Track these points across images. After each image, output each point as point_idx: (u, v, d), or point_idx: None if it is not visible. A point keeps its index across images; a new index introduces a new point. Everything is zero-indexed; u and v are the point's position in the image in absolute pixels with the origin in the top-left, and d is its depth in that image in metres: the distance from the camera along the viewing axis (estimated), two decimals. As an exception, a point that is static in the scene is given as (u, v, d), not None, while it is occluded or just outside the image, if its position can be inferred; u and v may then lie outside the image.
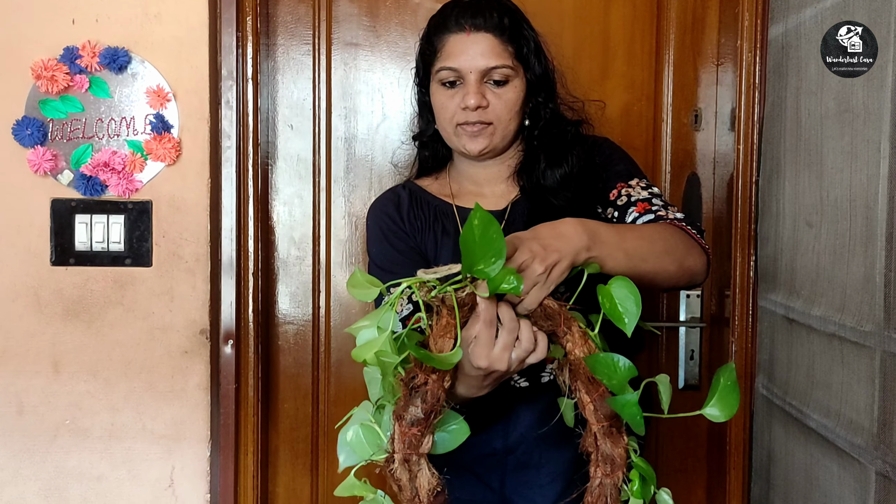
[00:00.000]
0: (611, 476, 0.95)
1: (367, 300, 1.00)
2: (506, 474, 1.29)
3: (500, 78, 1.25)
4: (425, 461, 0.93)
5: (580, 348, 0.96)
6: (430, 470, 0.93)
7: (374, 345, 0.92)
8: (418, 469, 0.93)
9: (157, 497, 1.71)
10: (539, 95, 1.31)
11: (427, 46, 1.31)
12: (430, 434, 0.93)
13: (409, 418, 0.92)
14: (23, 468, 1.69)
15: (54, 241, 1.68)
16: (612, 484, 0.95)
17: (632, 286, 0.94)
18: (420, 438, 0.92)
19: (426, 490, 0.92)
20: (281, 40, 1.80)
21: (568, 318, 0.97)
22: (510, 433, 1.28)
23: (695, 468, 1.85)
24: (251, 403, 1.75)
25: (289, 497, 1.85)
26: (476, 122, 1.25)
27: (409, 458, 0.92)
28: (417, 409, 0.92)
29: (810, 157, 1.43)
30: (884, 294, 1.18)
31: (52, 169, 1.65)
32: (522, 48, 1.28)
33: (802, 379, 1.46)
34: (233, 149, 1.72)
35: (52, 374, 1.69)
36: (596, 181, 1.29)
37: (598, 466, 0.96)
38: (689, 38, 1.79)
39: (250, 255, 1.75)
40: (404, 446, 0.92)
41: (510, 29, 1.26)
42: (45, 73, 1.63)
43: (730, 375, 0.95)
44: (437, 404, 0.92)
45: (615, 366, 0.91)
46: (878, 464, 1.18)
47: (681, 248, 1.15)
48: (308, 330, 1.83)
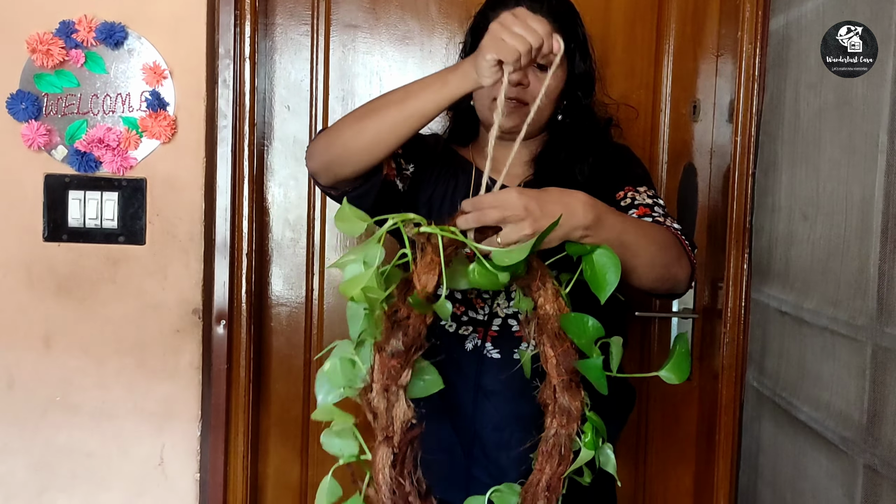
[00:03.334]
0: (566, 427, 0.98)
1: (354, 235, 1.02)
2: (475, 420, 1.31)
3: (545, 63, 1.27)
4: (403, 393, 0.96)
5: (551, 304, 0.99)
6: (406, 402, 0.96)
7: (361, 280, 0.95)
8: (396, 400, 0.95)
9: (146, 475, 1.71)
10: (577, 91, 1.34)
11: (481, 20, 1.33)
12: (409, 368, 0.96)
13: (390, 350, 0.94)
14: (12, 443, 1.69)
15: (47, 217, 1.67)
16: (566, 435, 0.98)
17: (614, 257, 0.98)
18: (400, 371, 0.95)
19: (401, 420, 0.95)
20: (279, 20, 1.79)
21: (544, 275, 1.00)
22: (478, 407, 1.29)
23: (683, 457, 1.86)
24: (243, 384, 1.75)
25: (278, 477, 1.86)
26: (514, 98, 1.27)
27: (388, 388, 0.95)
28: (399, 342, 0.94)
29: (808, 150, 1.43)
30: (877, 288, 1.19)
31: (46, 144, 1.64)
32: (571, 41, 1.30)
33: (793, 371, 1.46)
34: (229, 128, 1.71)
35: (43, 350, 1.68)
36: (608, 182, 1.30)
37: (554, 418, 0.99)
38: (690, 28, 1.79)
39: (244, 235, 1.74)
40: (384, 377, 0.95)
41: (564, 19, 1.30)
42: (41, 46, 1.61)
43: (684, 344, 1.03)
44: (419, 339, 0.95)
45: (585, 326, 0.95)
46: (867, 456, 1.19)
47: (673, 253, 1.16)
48: (301, 312, 1.83)
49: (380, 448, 0.97)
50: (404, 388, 0.96)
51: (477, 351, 1.28)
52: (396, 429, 0.95)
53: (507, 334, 1.27)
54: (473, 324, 1.29)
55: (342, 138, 1.19)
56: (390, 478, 0.96)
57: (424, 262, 0.96)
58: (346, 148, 1.18)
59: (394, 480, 0.96)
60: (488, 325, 1.28)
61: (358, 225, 0.99)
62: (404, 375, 0.95)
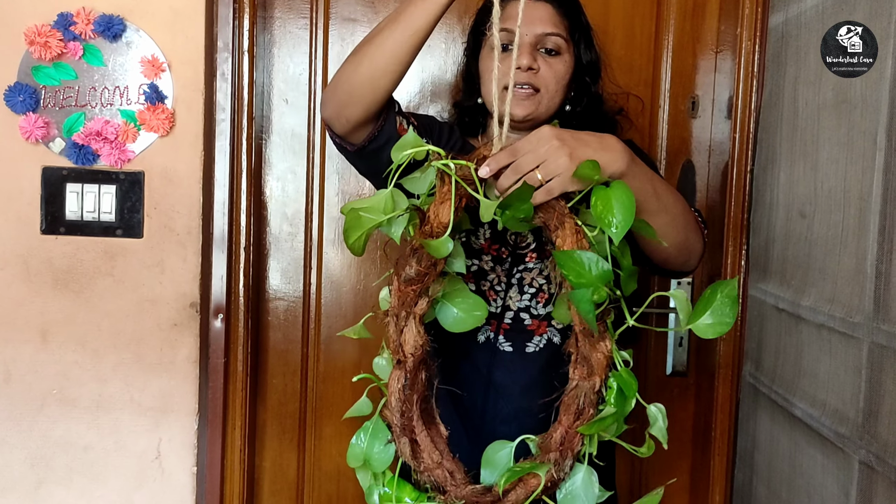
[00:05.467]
0: (587, 380, 0.94)
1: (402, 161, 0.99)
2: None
3: (553, 47, 1.29)
4: (414, 320, 0.97)
5: (569, 245, 0.94)
6: (417, 329, 0.97)
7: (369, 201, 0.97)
8: (405, 325, 0.97)
9: (143, 469, 1.71)
10: (584, 79, 1.35)
11: (483, 13, 1.35)
12: (425, 297, 0.97)
13: (404, 276, 0.96)
14: (9, 437, 1.69)
15: (45, 210, 1.66)
16: (588, 387, 0.94)
17: (629, 194, 0.91)
18: (414, 297, 0.96)
19: (410, 346, 0.97)
20: (278, 13, 1.79)
21: (563, 214, 0.96)
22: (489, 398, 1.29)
23: (679, 453, 1.87)
24: (240, 378, 1.75)
25: (275, 472, 1.86)
26: (525, 83, 1.27)
27: (398, 314, 0.97)
28: (412, 269, 0.95)
29: (806, 148, 1.43)
30: (874, 286, 1.19)
31: (43, 136, 1.64)
32: (576, 28, 1.32)
33: (790, 368, 1.47)
34: (227, 122, 1.70)
35: (40, 344, 1.68)
36: None
37: (575, 368, 0.95)
38: (689, 24, 1.78)
39: (242, 229, 1.74)
40: (398, 302, 0.97)
41: (567, 5, 1.32)
42: (39, 38, 1.60)
43: (731, 291, 0.89)
44: (433, 268, 0.96)
45: (581, 264, 0.89)
46: (862, 453, 1.20)
47: (691, 220, 1.16)
48: (298, 306, 1.83)
49: (393, 371, 1.00)
50: (416, 316, 0.97)
51: (489, 343, 1.28)
52: (407, 353, 0.97)
53: (519, 327, 1.27)
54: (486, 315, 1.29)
55: (345, 75, 1.16)
56: (400, 400, 0.98)
57: (440, 194, 0.96)
58: (351, 83, 1.16)
59: (403, 403, 0.98)
60: (501, 318, 1.28)
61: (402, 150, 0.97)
62: (420, 304, 0.97)
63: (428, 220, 0.96)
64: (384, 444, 1.02)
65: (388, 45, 1.12)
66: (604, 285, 0.90)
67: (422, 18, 1.10)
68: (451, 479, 0.99)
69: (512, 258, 1.27)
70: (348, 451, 1.04)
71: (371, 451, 1.03)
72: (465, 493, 0.98)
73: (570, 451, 0.95)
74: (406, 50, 1.12)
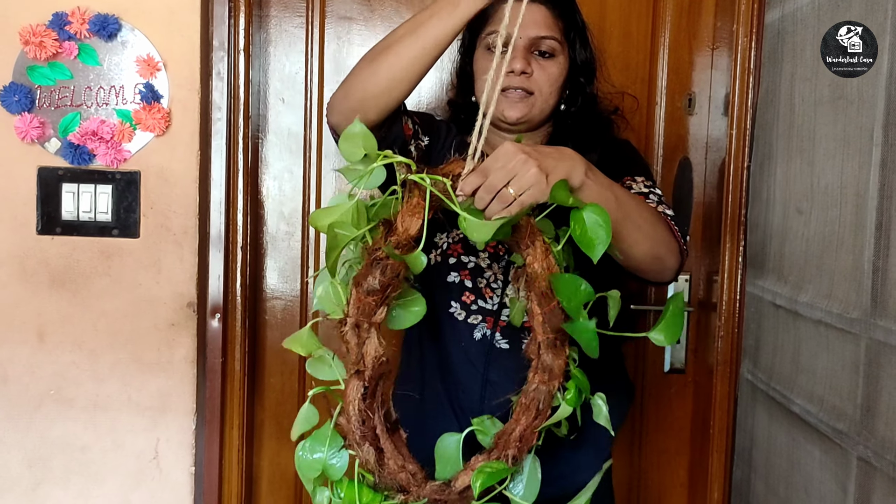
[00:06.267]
0: (547, 384, 0.98)
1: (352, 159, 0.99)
2: None
3: (547, 50, 1.28)
4: (375, 330, 0.96)
5: (539, 263, 0.97)
6: (378, 339, 0.97)
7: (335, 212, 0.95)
8: (367, 336, 0.96)
9: (141, 469, 1.70)
10: (579, 79, 1.34)
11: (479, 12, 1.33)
12: (385, 306, 0.96)
13: (366, 287, 0.95)
14: (6, 437, 1.69)
15: (41, 210, 1.66)
16: (546, 391, 0.98)
17: (604, 213, 0.94)
18: (374, 308, 0.95)
19: (371, 357, 0.96)
20: (274, 12, 1.78)
21: (533, 233, 0.98)
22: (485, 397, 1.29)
23: (678, 450, 1.87)
24: (237, 377, 1.75)
25: (273, 471, 1.86)
26: (518, 87, 1.27)
27: (361, 324, 0.96)
28: (375, 280, 0.94)
29: (802, 144, 1.43)
30: (871, 282, 1.19)
31: (39, 136, 1.63)
32: (570, 29, 1.31)
33: (788, 364, 1.47)
34: (223, 121, 1.70)
35: (37, 344, 1.68)
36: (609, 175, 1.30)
37: (536, 373, 0.99)
38: (686, 21, 1.78)
39: (239, 228, 1.74)
40: (358, 312, 0.95)
41: (562, 6, 1.31)
42: (34, 38, 1.60)
43: (678, 303, 0.98)
44: (396, 280, 0.95)
45: (577, 288, 0.93)
46: (860, 449, 1.20)
47: (660, 233, 1.14)
48: (296, 306, 1.83)
49: (351, 381, 0.98)
50: (377, 326, 0.96)
51: (486, 340, 1.28)
52: (368, 364, 0.96)
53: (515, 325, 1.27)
54: (483, 313, 1.29)
55: (360, 83, 1.16)
56: (359, 410, 0.97)
57: (410, 206, 0.96)
58: (366, 91, 1.15)
59: (363, 413, 0.97)
60: (498, 315, 1.28)
61: (358, 149, 0.97)
62: (379, 313, 0.96)
63: (395, 230, 0.95)
64: (338, 451, 1.01)
65: (408, 54, 1.12)
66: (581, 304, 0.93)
67: (443, 31, 1.11)
68: (412, 479, 1.00)
69: (508, 255, 1.27)
70: (298, 461, 1.03)
71: (327, 460, 1.02)
72: (426, 492, 1.00)
73: (526, 446, 0.99)
74: (426, 61, 1.13)
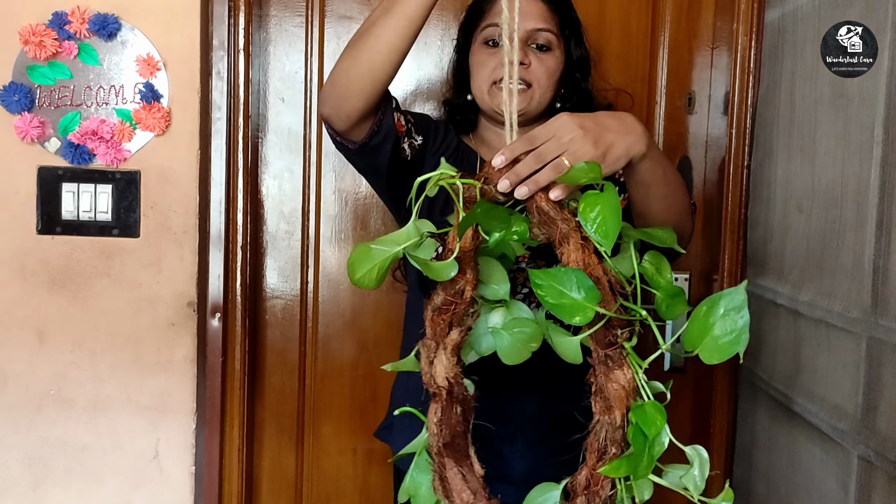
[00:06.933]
0: (606, 414, 0.85)
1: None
2: None
3: (544, 43, 1.29)
4: (444, 351, 0.94)
5: (575, 260, 0.87)
6: (449, 360, 0.94)
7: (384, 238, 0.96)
8: (434, 356, 0.95)
9: (141, 469, 1.70)
10: (575, 75, 1.35)
11: (474, 9, 1.34)
12: (457, 327, 0.94)
13: (432, 305, 0.95)
14: (6, 438, 1.69)
15: (41, 210, 1.66)
16: (608, 423, 0.85)
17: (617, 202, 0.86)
18: (444, 328, 0.94)
19: (441, 377, 0.95)
20: (274, 11, 1.78)
21: (568, 227, 0.89)
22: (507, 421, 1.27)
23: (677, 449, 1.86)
24: (238, 377, 1.75)
25: (274, 471, 1.86)
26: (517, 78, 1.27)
27: (428, 345, 0.95)
28: (439, 297, 0.94)
29: (803, 142, 1.43)
30: (872, 280, 1.19)
31: (39, 136, 1.63)
32: (566, 23, 1.32)
33: (788, 364, 1.46)
34: (223, 120, 1.70)
35: (37, 344, 1.68)
36: None
37: (595, 401, 0.87)
38: (685, 19, 1.78)
39: (239, 228, 1.74)
40: (430, 332, 0.95)
41: (558, 1, 1.32)
42: (34, 38, 1.60)
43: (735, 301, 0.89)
44: (461, 298, 0.93)
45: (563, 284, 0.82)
46: (861, 448, 1.20)
47: (687, 204, 1.16)
48: (296, 305, 1.83)
49: (432, 404, 0.97)
50: (448, 347, 0.94)
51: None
52: (440, 384, 0.95)
53: None
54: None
55: (343, 70, 1.16)
56: (436, 434, 0.96)
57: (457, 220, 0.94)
58: (349, 77, 1.15)
59: (437, 437, 0.96)
60: None
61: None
62: (451, 335, 0.94)
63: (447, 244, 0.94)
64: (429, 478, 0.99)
65: (385, 35, 1.11)
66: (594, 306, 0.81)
67: (415, 7, 1.09)
68: None
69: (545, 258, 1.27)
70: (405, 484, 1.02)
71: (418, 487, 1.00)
72: None
73: (596, 495, 0.86)
74: (402, 39, 1.12)
